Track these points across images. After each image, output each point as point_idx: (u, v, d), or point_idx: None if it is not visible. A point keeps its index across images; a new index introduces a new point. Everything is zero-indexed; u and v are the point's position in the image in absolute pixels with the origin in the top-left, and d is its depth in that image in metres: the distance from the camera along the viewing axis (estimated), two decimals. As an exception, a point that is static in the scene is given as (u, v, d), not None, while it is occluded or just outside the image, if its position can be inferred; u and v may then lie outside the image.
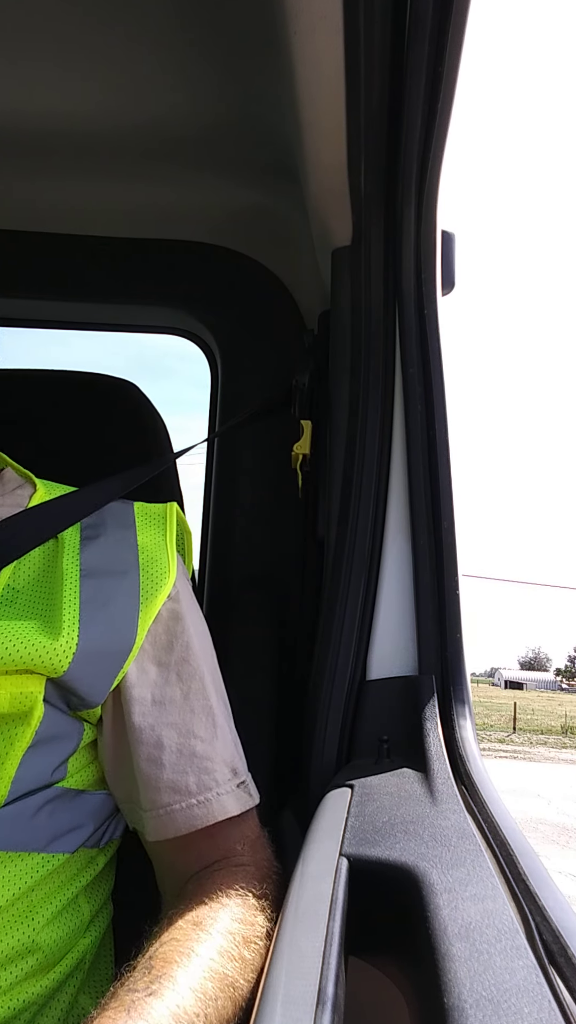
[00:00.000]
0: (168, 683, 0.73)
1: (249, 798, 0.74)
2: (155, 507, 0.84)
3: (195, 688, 0.74)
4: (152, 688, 0.73)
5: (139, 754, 0.71)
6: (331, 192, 0.88)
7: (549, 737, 22.04)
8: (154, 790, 0.71)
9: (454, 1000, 0.32)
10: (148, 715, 0.72)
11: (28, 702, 0.65)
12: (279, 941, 0.44)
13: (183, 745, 0.72)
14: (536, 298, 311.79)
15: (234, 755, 0.75)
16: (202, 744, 0.72)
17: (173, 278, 1.27)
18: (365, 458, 0.87)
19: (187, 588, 0.81)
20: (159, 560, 0.77)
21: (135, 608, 0.72)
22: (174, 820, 0.70)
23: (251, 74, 0.93)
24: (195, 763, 0.71)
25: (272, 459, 1.22)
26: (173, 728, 0.72)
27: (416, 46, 0.67)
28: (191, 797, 0.70)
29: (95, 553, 0.75)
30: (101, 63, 0.93)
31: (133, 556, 0.76)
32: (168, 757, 0.71)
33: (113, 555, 0.76)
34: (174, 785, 0.70)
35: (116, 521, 0.80)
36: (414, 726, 0.73)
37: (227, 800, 0.71)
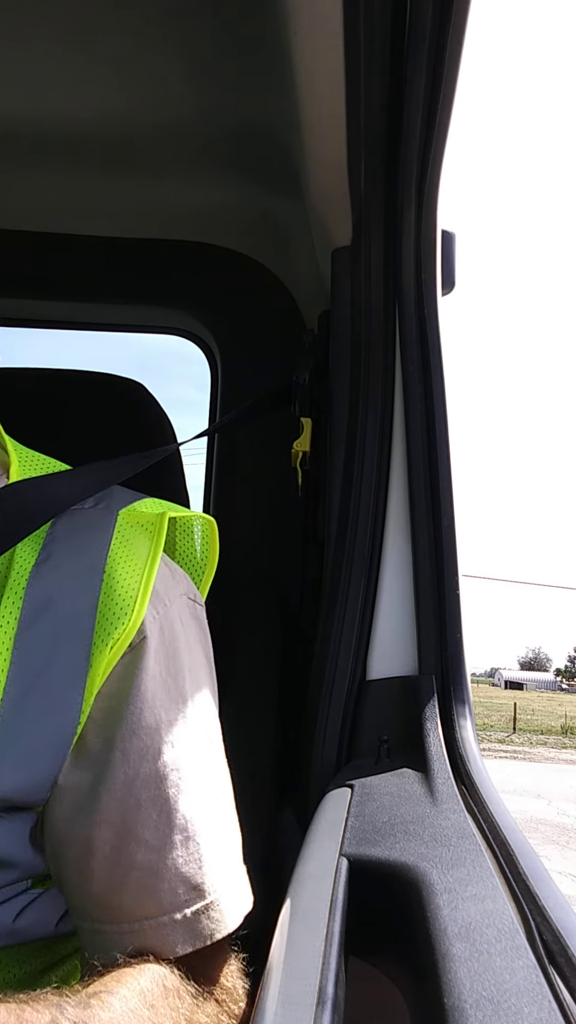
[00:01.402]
0: (109, 764, 0.53)
1: (214, 928, 0.53)
2: (146, 515, 0.63)
3: (145, 772, 0.53)
4: (90, 769, 0.53)
5: (66, 856, 0.53)
6: (331, 192, 0.88)
7: (549, 737, 22.04)
8: (85, 901, 0.54)
9: (454, 1000, 0.32)
10: (77, 806, 0.53)
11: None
12: (279, 941, 0.44)
13: (119, 851, 0.52)
14: (536, 298, 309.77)
15: (203, 866, 0.53)
16: (145, 853, 0.52)
17: (173, 278, 1.27)
18: (365, 457, 0.87)
19: (179, 622, 0.60)
20: (123, 594, 0.55)
21: (82, 668, 0.53)
22: (105, 943, 0.52)
23: (251, 74, 0.93)
24: (132, 878, 0.52)
25: (272, 457, 1.22)
26: (107, 827, 0.52)
27: (416, 46, 0.67)
28: (123, 922, 0.52)
29: (47, 583, 0.55)
30: (100, 63, 0.93)
31: (94, 588, 0.55)
32: (98, 864, 0.52)
33: (69, 586, 0.55)
34: (104, 902, 0.52)
35: (89, 533, 0.59)
36: (414, 726, 0.73)
37: (170, 932, 0.51)
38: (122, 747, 0.54)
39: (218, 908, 0.54)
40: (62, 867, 0.54)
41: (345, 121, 0.76)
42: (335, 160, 0.82)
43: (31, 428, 1.09)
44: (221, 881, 0.55)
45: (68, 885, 0.55)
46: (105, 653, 0.53)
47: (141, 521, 0.62)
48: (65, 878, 0.54)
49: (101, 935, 0.53)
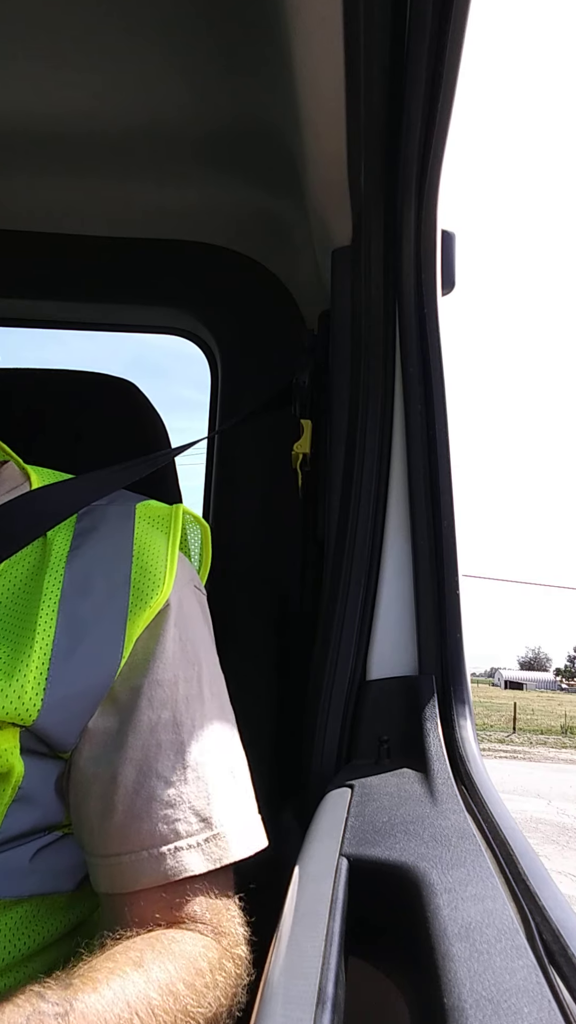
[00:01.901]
0: (136, 709, 0.63)
1: (222, 853, 0.61)
2: (160, 508, 0.75)
3: (165, 718, 0.63)
4: (117, 715, 0.63)
5: (91, 792, 0.61)
6: (331, 192, 0.88)
7: (549, 737, 22.04)
8: (104, 835, 0.61)
9: (454, 1000, 0.32)
10: (106, 745, 0.62)
11: (4, 763, 0.57)
12: (279, 941, 0.44)
13: (140, 785, 0.61)
14: (536, 298, 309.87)
15: (211, 802, 0.62)
16: (164, 786, 0.61)
17: (173, 278, 1.27)
18: (365, 458, 0.87)
19: (191, 602, 0.71)
20: (154, 571, 0.67)
21: (119, 632, 0.63)
22: (121, 873, 0.60)
23: (251, 74, 0.93)
24: (153, 808, 0.60)
25: (272, 459, 1.22)
26: (132, 764, 0.61)
27: (416, 46, 0.67)
28: (143, 848, 0.59)
29: (83, 565, 0.66)
30: (100, 63, 0.93)
31: (126, 568, 0.67)
32: (121, 798, 0.60)
33: (103, 568, 0.66)
34: (124, 832, 0.60)
35: (113, 525, 0.71)
36: (414, 726, 0.73)
37: (187, 856, 0.59)
38: (147, 695, 0.63)
39: (225, 839, 0.62)
40: (86, 804, 0.62)
41: (345, 121, 0.76)
42: (335, 160, 0.82)
43: (23, 428, 1.09)
44: (228, 816, 0.63)
45: (89, 822, 0.62)
46: (140, 619, 0.64)
47: (156, 514, 0.74)
48: (87, 816, 0.62)
49: (119, 866, 0.60)
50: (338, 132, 0.78)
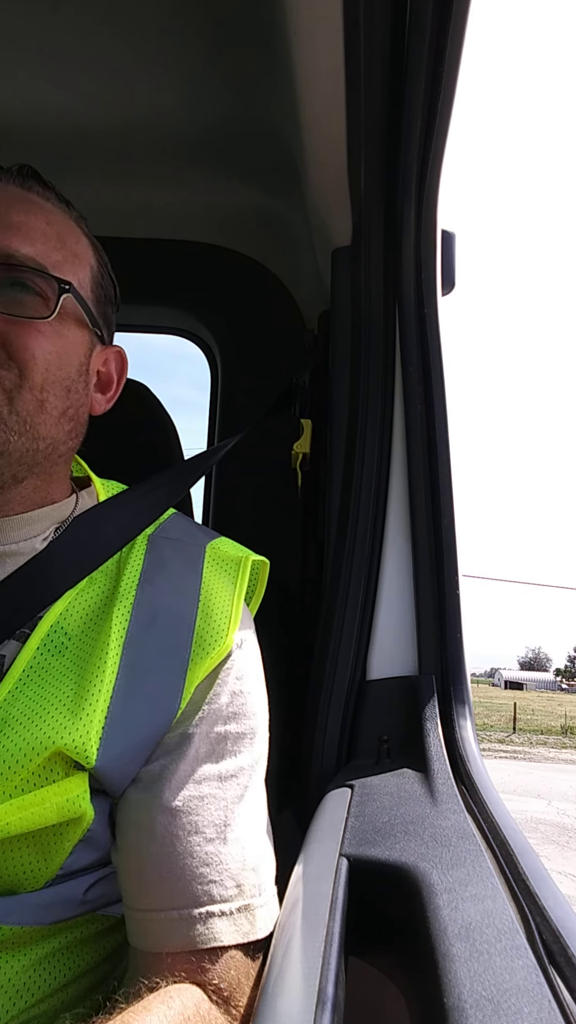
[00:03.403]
0: (182, 758, 0.60)
1: (250, 928, 0.56)
2: (229, 553, 0.72)
3: (209, 772, 0.60)
4: (163, 759, 0.60)
5: (127, 837, 0.59)
6: (331, 192, 0.88)
7: (549, 737, 22.04)
8: (138, 886, 0.58)
9: (454, 1000, 0.32)
10: (148, 789, 0.59)
11: (77, 808, 0.56)
12: (279, 941, 0.44)
13: (176, 837, 0.57)
14: (536, 298, 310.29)
15: (246, 869, 0.58)
16: (202, 843, 0.57)
17: (173, 278, 1.27)
18: (365, 458, 0.87)
19: (251, 652, 0.69)
20: (218, 619, 0.65)
21: (180, 679, 0.61)
22: (150, 931, 0.56)
23: (251, 74, 0.93)
24: (187, 864, 0.57)
25: (272, 458, 1.22)
26: (170, 813, 0.58)
27: (416, 46, 0.67)
28: (173, 909, 0.56)
29: (151, 598, 0.64)
30: (100, 64, 0.93)
31: (192, 611, 0.65)
32: (156, 848, 0.57)
33: (170, 604, 0.64)
34: (157, 885, 0.57)
35: (183, 563, 0.69)
36: (414, 726, 0.73)
37: (219, 924, 0.55)
38: (196, 745, 0.60)
39: (254, 912, 0.57)
40: (125, 852, 0.59)
41: (345, 121, 0.76)
42: (335, 160, 0.82)
43: None
44: (260, 889, 0.59)
45: (127, 871, 0.59)
46: (200, 668, 0.62)
47: (225, 558, 0.72)
48: (124, 863, 0.59)
49: (148, 923, 0.57)
50: (338, 132, 0.78)
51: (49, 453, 0.66)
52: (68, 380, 0.66)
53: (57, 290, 0.63)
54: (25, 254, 0.62)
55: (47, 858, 0.57)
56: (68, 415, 0.67)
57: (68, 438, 0.68)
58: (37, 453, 0.64)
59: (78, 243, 0.70)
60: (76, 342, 0.68)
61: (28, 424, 0.62)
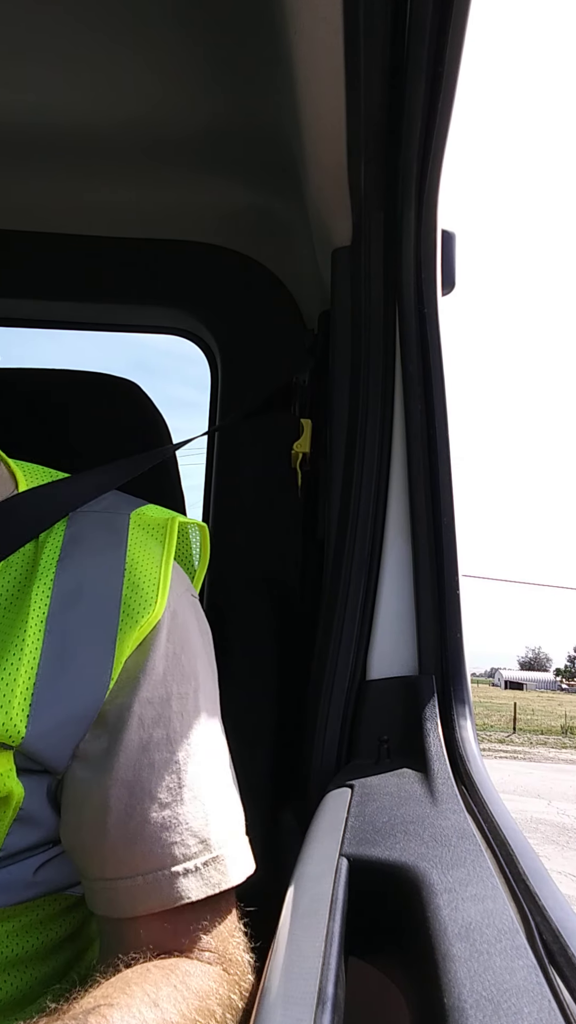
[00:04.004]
0: (125, 729, 0.60)
1: (221, 878, 0.58)
2: (155, 517, 0.71)
3: (158, 737, 0.60)
4: (107, 736, 0.60)
5: (83, 815, 0.59)
6: (331, 192, 0.88)
7: (549, 737, 22.04)
8: (99, 859, 0.58)
9: (454, 1000, 0.32)
10: (95, 769, 0.59)
11: (2, 787, 0.56)
12: (279, 941, 0.44)
13: (133, 807, 0.58)
14: (536, 298, 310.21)
15: (209, 824, 0.60)
16: (158, 809, 0.58)
17: (173, 278, 1.27)
18: (365, 458, 0.87)
19: (186, 613, 0.68)
20: (146, 587, 0.63)
21: (108, 653, 0.60)
22: (117, 899, 0.57)
23: (251, 74, 0.93)
24: (146, 831, 0.57)
25: (272, 458, 1.22)
26: (123, 786, 0.58)
27: (416, 46, 0.67)
28: (138, 874, 0.57)
29: (72, 575, 0.62)
30: (101, 63, 0.93)
31: (117, 582, 0.63)
32: (114, 821, 0.58)
33: (93, 579, 0.63)
34: (118, 856, 0.58)
35: (106, 533, 0.67)
36: (414, 726, 0.73)
37: (184, 882, 0.57)
38: (138, 715, 0.60)
39: (223, 862, 0.59)
40: (79, 829, 0.59)
41: (345, 121, 0.76)
42: (335, 160, 0.82)
43: (26, 428, 1.09)
44: (225, 837, 0.61)
45: (84, 847, 0.59)
46: (131, 635, 0.61)
47: (151, 524, 0.70)
48: (81, 840, 0.59)
49: (115, 891, 0.57)
50: (338, 132, 0.78)
51: None
52: None
53: None
54: None
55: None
56: None
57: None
58: None
59: None
60: None
61: None
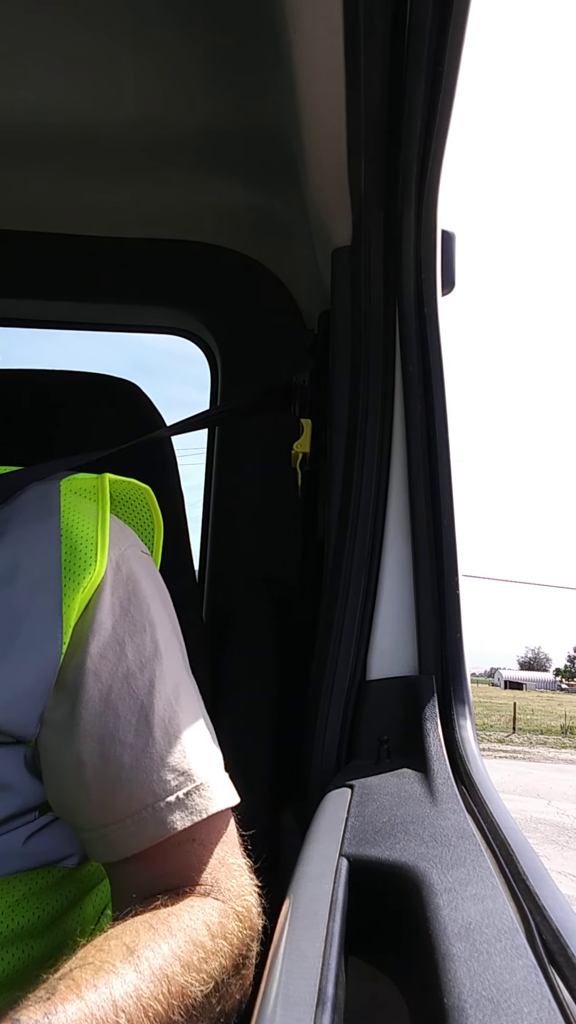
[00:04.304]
0: (83, 686, 0.61)
1: (207, 804, 0.60)
2: (87, 480, 0.71)
3: (117, 687, 0.61)
4: (68, 698, 0.61)
5: (64, 778, 0.61)
6: (331, 192, 0.88)
7: (549, 737, 22.04)
8: (86, 812, 0.61)
9: (454, 1000, 0.32)
10: (64, 731, 0.60)
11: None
12: (279, 941, 0.44)
13: (107, 758, 0.60)
14: (536, 298, 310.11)
15: (186, 755, 0.61)
16: (131, 753, 0.60)
17: (173, 278, 1.27)
18: (365, 458, 0.87)
19: (130, 564, 0.67)
20: (84, 548, 0.63)
21: (56, 620, 0.60)
22: (110, 843, 0.60)
23: (251, 74, 0.93)
24: (123, 776, 0.59)
25: (272, 458, 1.22)
26: (92, 740, 0.60)
27: (416, 46, 0.67)
28: (126, 816, 0.59)
29: (9, 552, 0.63)
30: (101, 63, 0.93)
31: (54, 550, 0.63)
32: (92, 775, 0.59)
33: (30, 553, 0.63)
34: (103, 806, 0.60)
35: (37, 505, 0.67)
36: (414, 726, 0.73)
37: (168, 815, 0.58)
38: (93, 670, 0.61)
39: (209, 787, 0.61)
40: (61, 789, 0.61)
41: (345, 121, 0.76)
42: (335, 160, 0.82)
43: (26, 429, 1.09)
44: (206, 767, 0.62)
45: (69, 805, 0.61)
46: (76, 599, 0.61)
47: (83, 488, 0.70)
48: (66, 799, 0.61)
49: (107, 837, 0.59)
50: (338, 132, 0.78)
51: None
52: None
53: None
54: None
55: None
56: None
57: None
58: None
59: None
60: None
61: None
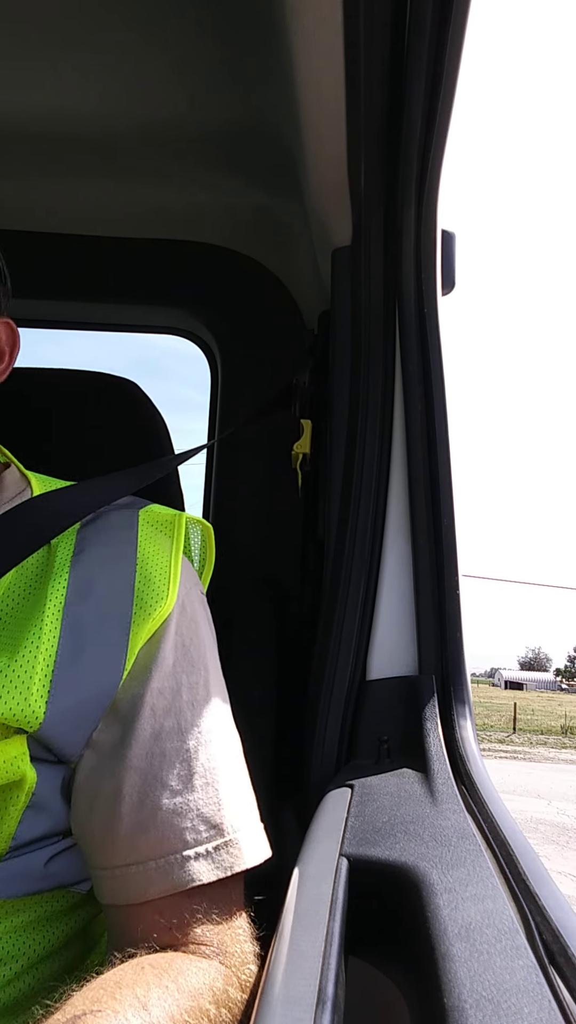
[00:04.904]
0: (138, 719, 0.61)
1: (233, 861, 0.59)
2: (163, 514, 0.74)
3: (169, 726, 0.62)
4: (119, 725, 0.61)
5: (95, 804, 0.60)
6: (331, 192, 0.88)
7: (549, 737, 22.04)
8: (110, 847, 0.60)
9: (454, 1000, 0.32)
10: (108, 757, 0.61)
11: (16, 770, 0.58)
12: (279, 941, 0.44)
13: (145, 795, 0.60)
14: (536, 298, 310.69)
15: (221, 809, 0.61)
16: (170, 796, 0.60)
17: (173, 278, 1.27)
18: (365, 458, 0.87)
19: (195, 607, 0.70)
20: (157, 580, 0.66)
21: (123, 641, 0.62)
22: (127, 885, 0.58)
23: (251, 74, 0.93)
24: (159, 818, 0.59)
25: (272, 459, 1.22)
26: (136, 774, 0.60)
27: (416, 46, 0.67)
28: (150, 859, 0.58)
29: (86, 570, 0.65)
30: (101, 63, 0.93)
31: (129, 575, 0.66)
32: (126, 809, 0.59)
33: (107, 574, 0.65)
34: (130, 843, 0.59)
35: (117, 531, 0.70)
36: (414, 726, 0.73)
37: (196, 865, 0.58)
38: (149, 704, 0.62)
39: (237, 845, 0.60)
40: (90, 816, 0.61)
41: (345, 121, 0.76)
42: (335, 160, 0.82)
43: (26, 428, 1.09)
44: (239, 822, 0.62)
45: (95, 835, 0.60)
46: (144, 628, 0.63)
47: (159, 520, 0.73)
48: (92, 828, 0.61)
49: (126, 877, 0.58)
50: (338, 132, 0.78)
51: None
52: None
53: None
54: None
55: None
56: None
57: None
58: None
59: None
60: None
61: None
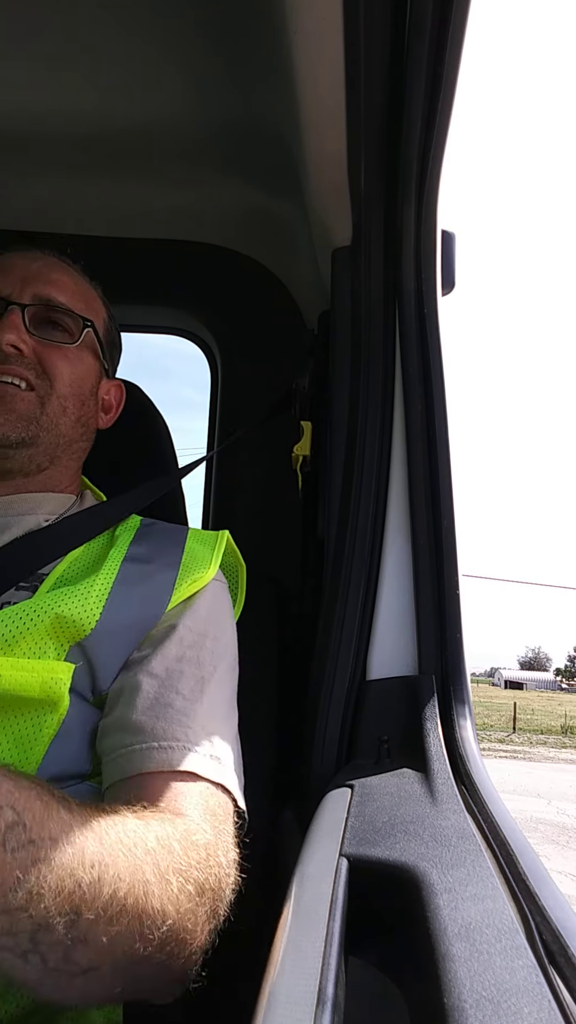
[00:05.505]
0: (167, 640, 0.73)
1: (220, 774, 0.66)
2: (208, 532, 0.88)
3: (190, 655, 0.73)
4: (151, 646, 0.73)
5: (117, 699, 0.69)
6: (331, 192, 0.88)
7: (549, 737, 22.05)
8: (120, 733, 0.67)
9: (454, 1000, 0.32)
10: (137, 668, 0.71)
11: (56, 690, 0.66)
12: (279, 941, 0.44)
13: (161, 695, 0.69)
14: (536, 298, 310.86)
15: (215, 742, 0.68)
16: (181, 701, 0.69)
17: (173, 278, 1.27)
18: (365, 458, 0.87)
19: (225, 607, 0.82)
20: (200, 559, 0.80)
21: (167, 592, 0.75)
22: (130, 760, 0.64)
23: (251, 74, 0.93)
24: (169, 714, 0.67)
25: (272, 460, 1.22)
26: (155, 679, 0.70)
27: (416, 46, 0.67)
28: (155, 740, 0.65)
29: (142, 549, 0.80)
30: (101, 64, 0.93)
31: (177, 555, 0.80)
32: (142, 700, 0.68)
33: (160, 549, 0.80)
34: (141, 726, 0.66)
35: (170, 534, 0.85)
36: (414, 726, 0.73)
37: (195, 758, 0.64)
38: (179, 634, 0.74)
39: (224, 765, 0.67)
40: (114, 708, 0.69)
41: (345, 122, 0.76)
42: (335, 160, 0.82)
43: None
44: (231, 765, 0.68)
45: (115, 722, 0.68)
46: (185, 582, 0.77)
47: (203, 536, 0.87)
48: (113, 717, 0.69)
49: (132, 752, 0.65)
50: (338, 132, 0.78)
51: (65, 448, 0.85)
52: (83, 395, 0.86)
53: (81, 326, 0.85)
54: (60, 301, 0.85)
55: (25, 750, 0.65)
56: (82, 421, 0.86)
57: (80, 439, 0.88)
58: (57, 448, 0.84)
59: (95, 301, 0.92)
60: (90, 367, 0.88)
61: (53, 423, 0.82)
